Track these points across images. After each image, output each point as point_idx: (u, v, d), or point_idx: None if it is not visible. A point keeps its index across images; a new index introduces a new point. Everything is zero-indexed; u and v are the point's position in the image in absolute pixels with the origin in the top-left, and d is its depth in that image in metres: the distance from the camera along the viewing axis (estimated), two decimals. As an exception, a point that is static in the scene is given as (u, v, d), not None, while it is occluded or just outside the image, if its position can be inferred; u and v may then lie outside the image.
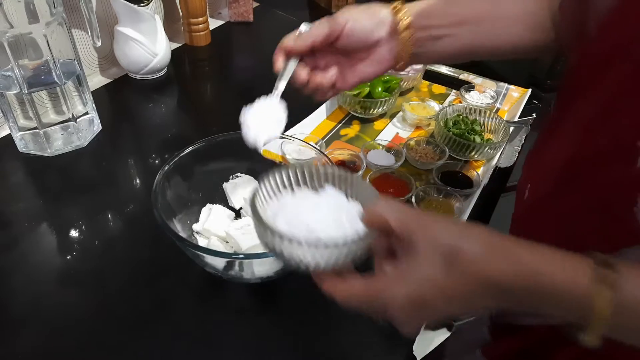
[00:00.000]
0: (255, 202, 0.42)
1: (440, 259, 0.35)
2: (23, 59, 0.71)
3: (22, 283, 0.60)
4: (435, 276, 0.35)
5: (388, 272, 0.38)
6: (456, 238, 0.35)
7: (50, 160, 0.77)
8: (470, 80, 0.99)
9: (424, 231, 0.36)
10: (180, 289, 0.60)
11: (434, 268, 0.35)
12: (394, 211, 0.37)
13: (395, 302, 0.36)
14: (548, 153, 0.52)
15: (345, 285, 0.38)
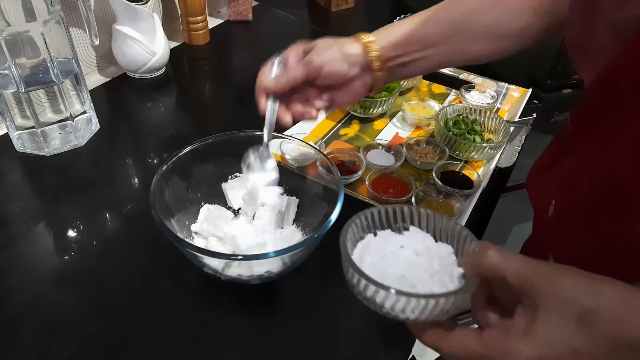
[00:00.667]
0: (346, 240, 0.39)
1: (573, 319, 0.32)
2: (20, 58, 0.71)
3: (20, 283, 0.59)
4: (570, 337, 0.32)
5: (507, 325, 0.35)
6: (589, 295, 0.33)
7: (48, 159, 0.77)
8: (471, 80, 0.99)
9: (550, 286, 0.33)
10: (178, 290, 0.59)
11: (568, 329, 0.32)
12: (510, 262, 0.34)
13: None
14: (574, 169, 0.49)
15: (455, 340, 0.36)
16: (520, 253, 0.37)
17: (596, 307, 0.32)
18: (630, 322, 0.32)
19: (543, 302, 0.33)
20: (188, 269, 0.60)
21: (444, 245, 0.40)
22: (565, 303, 0.32)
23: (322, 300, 0.59)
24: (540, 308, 0.33)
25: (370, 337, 0.56)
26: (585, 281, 0.33)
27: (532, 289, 0.33)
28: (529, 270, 0.34)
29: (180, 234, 0.59)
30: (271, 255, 0.50)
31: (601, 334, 0.32)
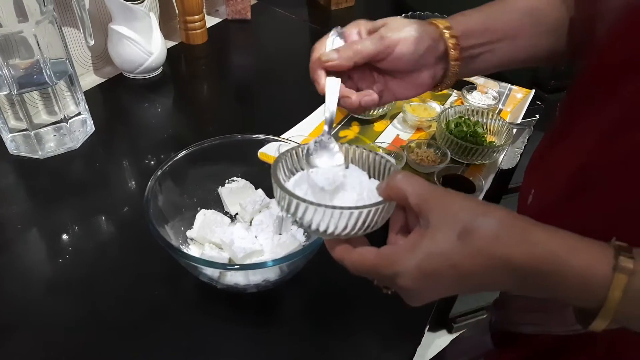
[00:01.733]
0: (277, 168, 0.42)
1: (455, 235, 0.34)
2: (13, 59, 0.69)
3: (12, 288, 0.58)
4: (449, 251, 0.34)
5: (400, 243, 0.37)
6: (473, 215, 0.35)
7: (42, 162, 0.76)
8: (472, 81, 0.97)
9: (442, 206, 0.36)
10: (173, 298, 0.58)
11: (448, 243, 0.34)
12: (413, 185, 0.37)
13: (405, 272, 0.35)
14: (553, 159, 0.51)
15: (356, 253, 0.38)
16: None
17: (477, 224, 0.34)
18: (504, 239, 0.34)
19: (433, 220, 0.35)
20: (183, 276, 0.59)
21: (376, 181, 0.43)
22: (451, 220, 0.35)
23: (320, 308, 0.58)
24: (430, 226, 0.35)
25: (369, 345, 0.55)
26: (474, 204, 0.36)
27: (427, 209, 0.36)
28: (427, 193, 0.36)
29: (176, 240, 0.58)
30: (269, 264, 0.49)
31: (476, 249, 0.34)
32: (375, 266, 0.37)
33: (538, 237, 0.34)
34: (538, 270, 0.33)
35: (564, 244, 0.34)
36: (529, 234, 0.34)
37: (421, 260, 0.35)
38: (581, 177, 0.44)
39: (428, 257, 0.35)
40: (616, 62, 0.41)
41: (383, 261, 0.37)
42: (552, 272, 0.33)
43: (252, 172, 0.66)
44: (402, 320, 0.57)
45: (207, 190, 0.65)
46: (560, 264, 0.33)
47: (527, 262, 0.33)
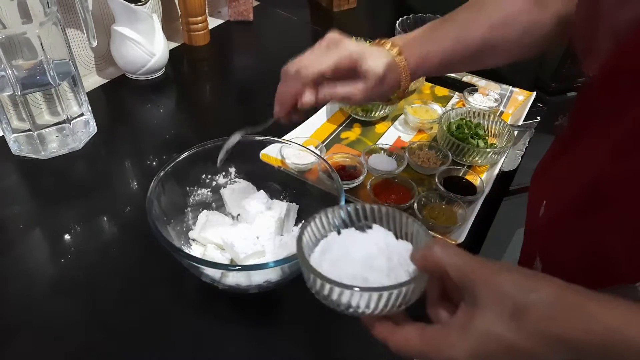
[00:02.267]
0: (302, 244, 0.40)
1: (507, 314, 0.33)
2: (17, 60, 0.70)
3: (14, 289, 0.59)
4: (502, 332, 0.33)
5: (448, 321, 0.36)
6: (524, 291, 0.33)
7: (45, 163, 0.76)
8: (474, 83, 0.97)
9: (487, 282, 0.34)
10: (175, 298, 0.58)
11: (502, 324, 0.33)
12: (452, 257, 0.35)
13: (456, 355, 0.34)
14: (564, 170, 0.51)
15: (401, 334, 0.37)
16: (520, 256, 0.36)
17: (529, 302, 0.33)
18: (561, 318, 0.32)
19: (480, 297, 0.34)
20: (186, 275, 0.59)
21: (403, 242, 0.41)
22: (501, 298, 0.33)
23: (322, 310, 0.58)
24: (478, 304, 0.34)
25: (371, 347, 0.55)
26: (521, 277, 0.34)
27: (471, 284, 0.34)
28: (467, 266, 0.35)
29: (178, 241, 0.58)
30: (270, 265, 0.49)
31: (533, 330, 0.33)
32: (423, 352, 0.35)
33: (593, 311, 0.32)
34: (595, 345, 0.32)
35: (620, 316, 0.32)
36: (583, 308, 0.33)
37: (475, 344, 0.34)
38: (593, 191, 0.44)
39: (481, 340, 0.33)
40: (624, 79, 0.41)
41: (431, 347, 0.35)
42: (610, 346, 0.32)
43: (254, 173, 0.67)
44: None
45: (209, 191, 0.65)
46: (617, 338, 0.32)
47: (585, 339, 0.32)
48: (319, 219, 0.42)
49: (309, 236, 0.41)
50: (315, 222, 0.42)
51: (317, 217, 0.42)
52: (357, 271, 0.38)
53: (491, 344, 0.33)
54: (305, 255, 0.39)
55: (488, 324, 0.33)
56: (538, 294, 0.33)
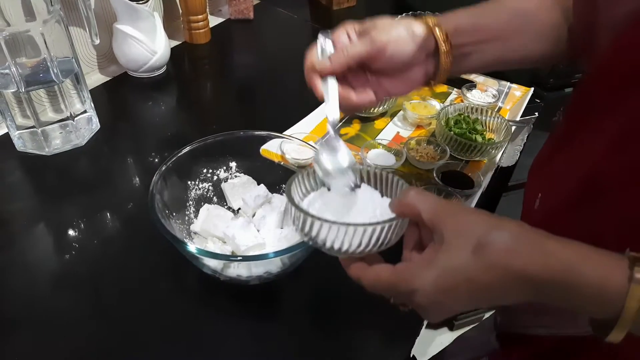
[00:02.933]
0: (291, 188, 0.43)
1: (469, 249, 0.35)
2: (21, 57, 0.71)
3: (19, 282, 0.60)
4: (464, 265, 0.35)
5: (416, 260, 0.38)
6: (487, 228, 0.35)
7: (48, 159, 0.77)
8: (472, 79, 0.98)
9: (455, 221, 0.36)
10: (178, 290, 0.59)
11: (464, 257, 0.35)
12: (425, 201, 0.38)
13: (421, 289, 0.36)
14: (559, 164, 0.51)
15: (372, 271, 0.39)
16: None
17: (491, 238, 0.35)
18: (518, 251, 0.34)
19: (447, 235, 0.36)
20: (188, 269, 0.60)
21: (387, 199, 0.44)
22: (465, 235, 0.36)
23: (321, 301, 0.59)
24: (444, 241, 0.36)
25: (370, 337, 0.56)
26: (487, 217, 0.36)
27: (441, 224, 0.36)
28: (440, 208, 0.37)
29: (180, 234, 0.59)
30: (271, 255, 0.50)
31: (491, 263, 0.35)
32: (392, 284, 0.38)
33: (552, 247, 0.34)
34: (553, 281, 0.34)
35: (578, 254, 0.34)
36: (543, 245, 0.34)
37: (437, 276, 0.36)
38: (589, 185, 0.45)
39: (444, 273, 0.36)
40: (621, 73, 0.41)
41: (399, 279, 0.37)
42: (567, 283, 0.34)
43: (254, 168, 0.68)
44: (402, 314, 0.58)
45: (210, 185, 0.66)
46: (575, 275, 0.33)
47: (542, 273, 0.34)
48: (312, 172, 0.45)
49: (299, 183, 0.45)
50: (307, 174, 0.45)
51: (310, 170, 0.45)
52: (340, 218, 0.41)
53: (454, 276, 0.35)
54: (292, 196, 0.42)
55: (452, 258, 0.36)
56: (501, 231, 0.35)
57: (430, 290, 0.36)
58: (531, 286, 0.34)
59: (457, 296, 0.36)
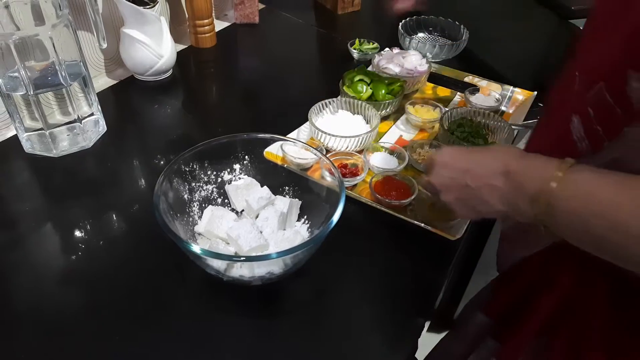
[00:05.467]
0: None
1: (467, 151, 0.55)
2: (29, 61, 0.72)
3: (27, 281, 0.61)
4: (465, 160, 0.53)
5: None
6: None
7: (56, 160, 0.78)
8: (475, 83, 0.99)
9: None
10: (182, 290, 0.60)
11: (464, 155, 0.54)
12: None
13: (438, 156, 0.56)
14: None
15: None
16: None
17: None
18: (512, 153, 0.48)
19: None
20: (191, 270, 0.61)
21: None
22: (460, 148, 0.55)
23: (323, 302, 0.60)
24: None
25: (373, 338, 0.56)
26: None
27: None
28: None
29: (184, 235, 0.60)
30: (273, 256, 0.51)
31: (489, 158, 0.50)
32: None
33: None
34: (517, 171, 0.46)
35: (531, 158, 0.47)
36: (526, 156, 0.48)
37: (446, 160, 0.55)
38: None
39: (450, 158, 0.54)
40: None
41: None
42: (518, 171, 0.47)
43: (258, 170, 0.69)
44: (404, 315, 0.58)
45: (214, 187, 0.67)
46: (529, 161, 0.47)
47: (517, 167, 0.47)
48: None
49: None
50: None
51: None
52: None
53: (457, 163, 0.53)
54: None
55: (453, 152, 0.55)
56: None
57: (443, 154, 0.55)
58: (505, 170, 0.47)
59: (459, 157, 0.53)
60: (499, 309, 0.63)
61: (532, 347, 0.56)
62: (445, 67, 1.04)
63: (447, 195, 0.55)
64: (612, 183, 0.40)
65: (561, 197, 0.42)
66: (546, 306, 0.54)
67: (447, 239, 0.66)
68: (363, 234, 0.68)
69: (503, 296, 0.63)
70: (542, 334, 0.55)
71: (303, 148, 0.67)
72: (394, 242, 0.67)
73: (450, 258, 0.65)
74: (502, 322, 0.62)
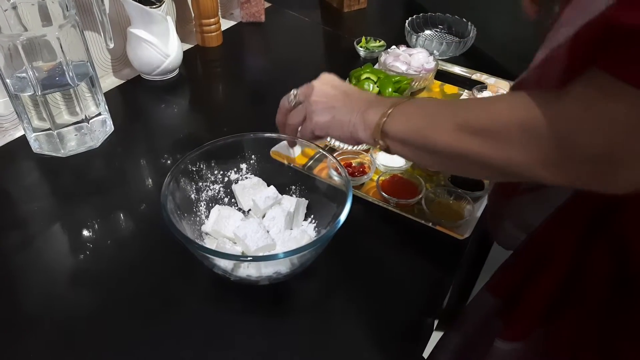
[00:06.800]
0: None
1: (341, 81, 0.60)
2: (37, 61, 0.72)
3: (36, 281, 0.61)
4: (340, 85, 0.59)
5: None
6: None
7: (64, 160, 0.79)
8: (483, 80, 0.98)
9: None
10: (189, 290, 0.60)
11: (339, 82, 0.60)
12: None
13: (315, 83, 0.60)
14: None
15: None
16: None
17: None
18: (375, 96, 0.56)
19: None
20: (199, 269, 0.61)
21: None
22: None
23: (331, 302, 0.60)
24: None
25: (380, 337, 0.56)
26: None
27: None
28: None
29: (191, 234, 0.60)
30: (280, 256, 0.51)
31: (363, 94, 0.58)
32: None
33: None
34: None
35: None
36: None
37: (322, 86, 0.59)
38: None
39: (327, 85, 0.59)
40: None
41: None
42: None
43: (264, 169, 0.68)
44: (411, 314, 0.58)
45: (221, 186, 0.67)
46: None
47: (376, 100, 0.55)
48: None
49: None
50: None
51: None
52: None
53: (335, 89, 0.58)
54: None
55: (330, 79, 0.60)
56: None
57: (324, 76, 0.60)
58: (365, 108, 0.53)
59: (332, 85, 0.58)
60: (505, 288, 0.63)
61: (536, 333, 0.56)
62: (453, 65, 1.03)
63: (319, 99, 0.58)
64: (432, 105, 0.48)
65: (390, 128, 0.49)
66: (547, 285, 0.55)
67: (455, 238, 0.66)
68: (370, 233, 0.68)
69: (508, 275, 0.63)
70: (543, 317, 0.55)
71: (309, 147, 0.67)
72: (401, 241, 0.67)
73: (458, 257, 0.65)
74: (508, 300, 0.62)
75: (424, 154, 0.48)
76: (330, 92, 0.58)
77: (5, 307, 0.58)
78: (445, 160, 0.47)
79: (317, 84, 0.59)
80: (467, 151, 0.43)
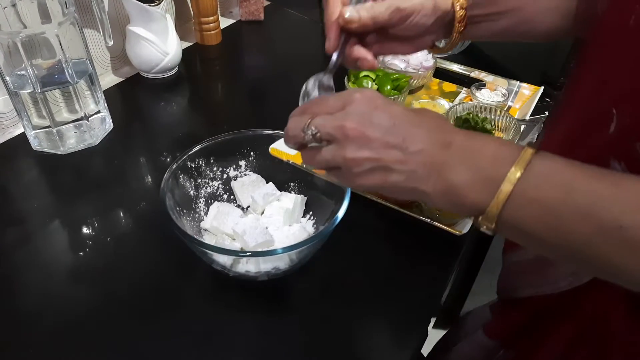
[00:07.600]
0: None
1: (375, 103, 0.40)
2: (36, 59, 0.72)
3: (36, 278, 0.61)
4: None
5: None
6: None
7: (63, 158, 0.79)
8: (482, 78, 0.98)
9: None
10: (188, 286, 0.60)
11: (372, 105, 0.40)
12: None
13: (360, 94, 0.40)
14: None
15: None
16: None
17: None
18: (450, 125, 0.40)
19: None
20: (197, 265, 0.61)
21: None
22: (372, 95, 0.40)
23: (329, 298, 0.60)
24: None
25: (378, 334, 0.56)
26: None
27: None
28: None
29: (190, 231, 0.60)
30: (279, 251, 0.51)
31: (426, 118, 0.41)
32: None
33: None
34: (462, 146, 0.37)
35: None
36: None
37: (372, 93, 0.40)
38: (565, 145, 0.48)
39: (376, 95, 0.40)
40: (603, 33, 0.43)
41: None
42: (471, 149, 0.37)
43: (263, 166, 0.69)
44: (410, 311, 0.58)
45: (220, 183, 0.68)
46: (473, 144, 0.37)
47: (457, 133, 0.39)
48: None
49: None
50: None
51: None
52: None
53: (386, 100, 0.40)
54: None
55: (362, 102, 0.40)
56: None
57: (367, 96, 0.39)
58: (444, 136, 0.38)
59: (385, 109, 0.39)
60: (502, 332, 0.63)
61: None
62: (451, 63, 1.04)
63: (353, 148, 0.38)
64: (595, 176, 0.33)
65: (525, 185, 0.33)
66: (566, 332, 0.52)
67: (453, 234, 0.66)
68: (368, 229, 0.68)
69: (506, 318, 0.62)
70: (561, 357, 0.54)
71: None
72: (399, 237, 0.67)
73: (457, 254, 0.65)
74: (509, 345, 0.61)
75: (548, 249, 0.35)
76: (375, 136, 0.37)
77: (4, 305, 0.58)
78: (579, 264, 0.37)
79: (354, 115, 0.38)
80: (624, 266, 0.31)
